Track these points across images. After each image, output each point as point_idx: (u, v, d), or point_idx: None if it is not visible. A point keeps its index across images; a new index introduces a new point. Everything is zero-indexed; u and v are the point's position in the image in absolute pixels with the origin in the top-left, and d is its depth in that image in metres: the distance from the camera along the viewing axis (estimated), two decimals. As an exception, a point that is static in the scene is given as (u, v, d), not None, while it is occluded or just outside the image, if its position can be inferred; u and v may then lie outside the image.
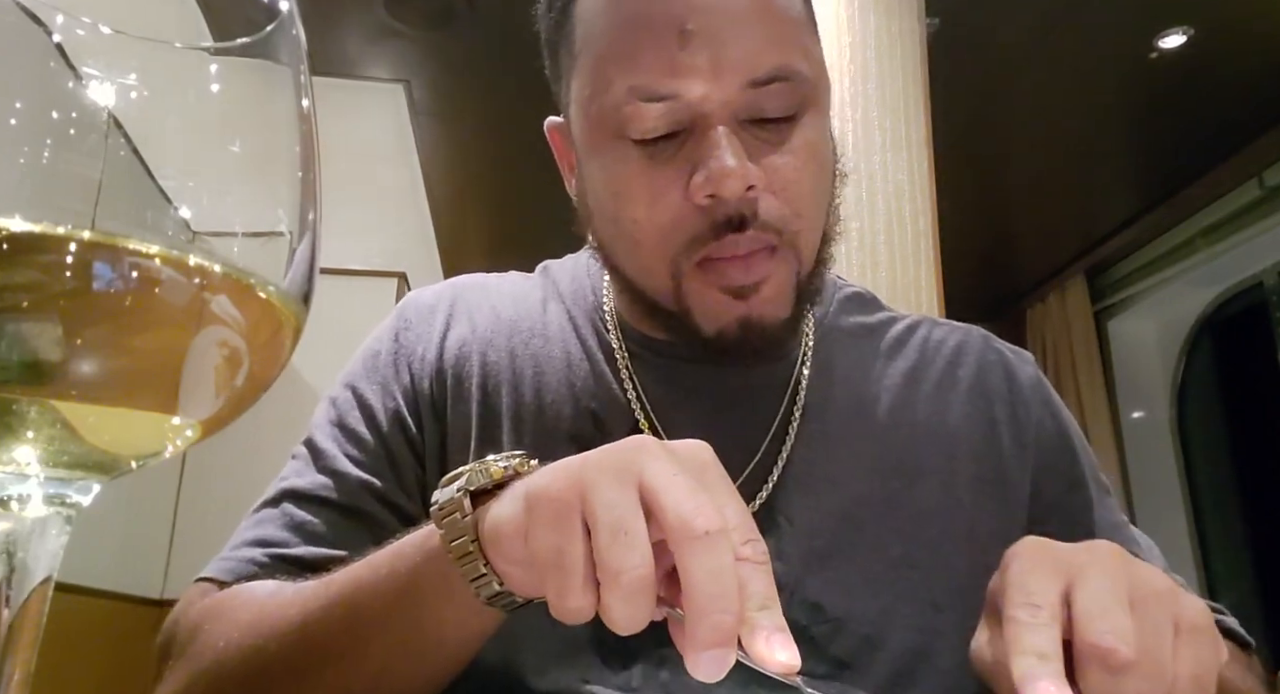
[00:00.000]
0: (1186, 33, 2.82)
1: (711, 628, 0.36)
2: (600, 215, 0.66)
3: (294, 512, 0.64)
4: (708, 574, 0.36)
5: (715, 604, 0.36)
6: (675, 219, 0.60)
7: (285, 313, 0.29)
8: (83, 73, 0.26)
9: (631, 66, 0.59)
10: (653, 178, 0.60)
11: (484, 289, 0.76)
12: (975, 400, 0.71)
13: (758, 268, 0.60)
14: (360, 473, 0.66)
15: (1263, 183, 3.43)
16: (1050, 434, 0.72)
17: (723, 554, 0.37)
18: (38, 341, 0.24)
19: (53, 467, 0.26)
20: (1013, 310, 4.74)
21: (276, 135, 0.30)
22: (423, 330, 0.72)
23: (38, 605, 0.27)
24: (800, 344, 0.71)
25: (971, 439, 0.70)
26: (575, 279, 0.77)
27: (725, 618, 0.36)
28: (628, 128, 0.60)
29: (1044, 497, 0.70)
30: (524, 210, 3.97)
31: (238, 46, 0.29)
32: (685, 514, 0.37)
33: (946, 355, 0.73)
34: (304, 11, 0.30)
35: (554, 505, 0.40)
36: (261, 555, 0.62)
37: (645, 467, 0.40)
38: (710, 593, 0.36)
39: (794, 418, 0.68)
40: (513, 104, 3.27)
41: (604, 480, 0.40)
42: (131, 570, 2.50)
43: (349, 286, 2.91)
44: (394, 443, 0.67)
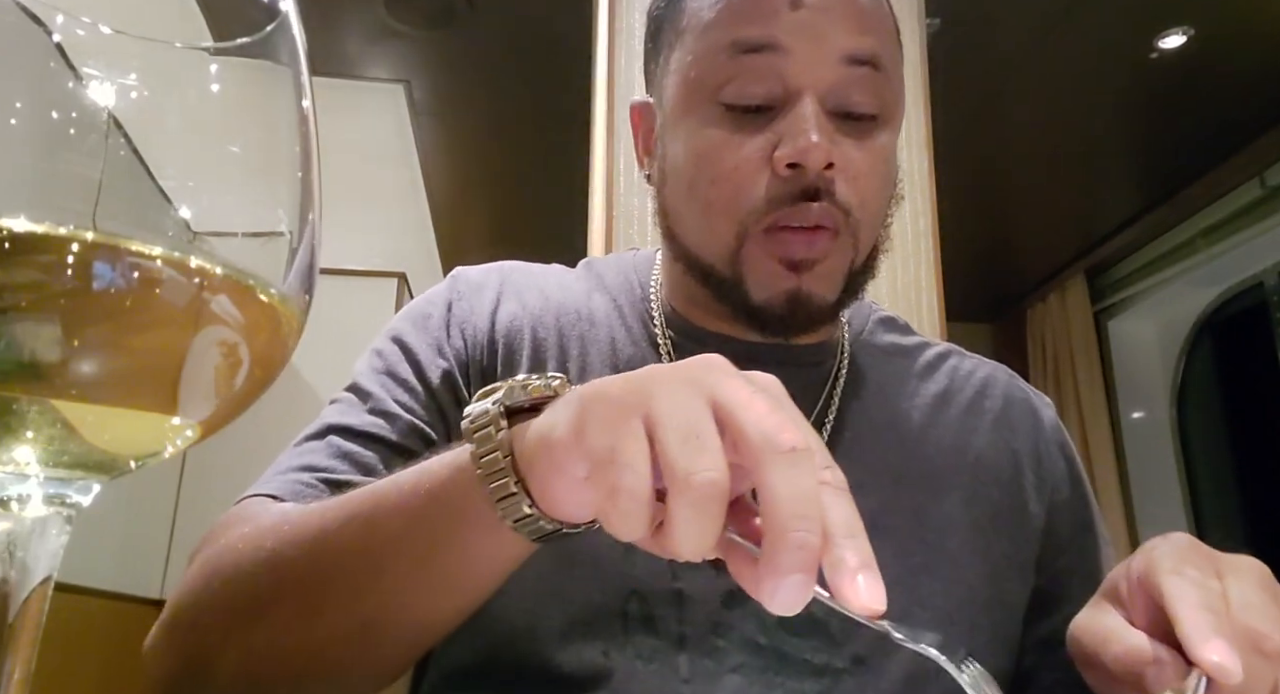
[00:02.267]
0: (1186, 33, 2.82)
1: (795, 549, 0.32)
2: (675, 179, 0.68)
3: (342, 443, 0.63)
4: (793, 491, 0.33)
5: (800, 524, 0.32)
6: (752, 183, 0.63)
7: (285, 313, 0.29)
8: (83, 73, 0.25)
9: (738, 21, 0.63)
10: (738, 143, 0.63)
11: (530, 273, 0.77)
12: (1000, 431, 0.73)
13: (819, 244, 0.63)
14: (411, 417, 0.65)
15: (1264, 183, 3.42)
16: (1066, 476, 0.75)
17: (808, 473, 0.34)
18: (38, 342, 0.24)
19: (53, 467, 0.26)
20: (1013, 310, 4.73)
21: (276, 135, 0.30)
22: (475, 302, 0.73)
23: (38, 605, 0.27)
24: (836, 354, 0.74)
25: (995, 467, 0.72)
26: (621, 273, 0.78)
27: (810, 538, 0.32)
28: (725, 90, 0.63)
29: (1057, 534, 0.72)
30: (524, 210, 3.98)
31: (238, 46, 0.29)
32: (768, 429, 0.34)
33: (975, 385, 0.76)
34: (304, 11, 0.30)
35: (613, 406, 0.37)
36: (310, 478, 0.60)
37: (719, 382, 0.37)
38: (795, 512, 0.33)
39: (826, 423, 0.70)
40: (513, 104, 3.27)
41: (672, 387, 0.37)
42: (131, 570, 2.50)
43: (349, 286, 2.91)
44: (444, 399, 0.67)
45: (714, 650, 0.60)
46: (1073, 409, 4.21)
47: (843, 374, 0.73)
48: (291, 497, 0.59)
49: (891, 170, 0.68)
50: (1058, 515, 0.73)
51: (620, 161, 1.80)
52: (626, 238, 1.73)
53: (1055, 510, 0.73)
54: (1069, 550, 0.73)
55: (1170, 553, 0.47)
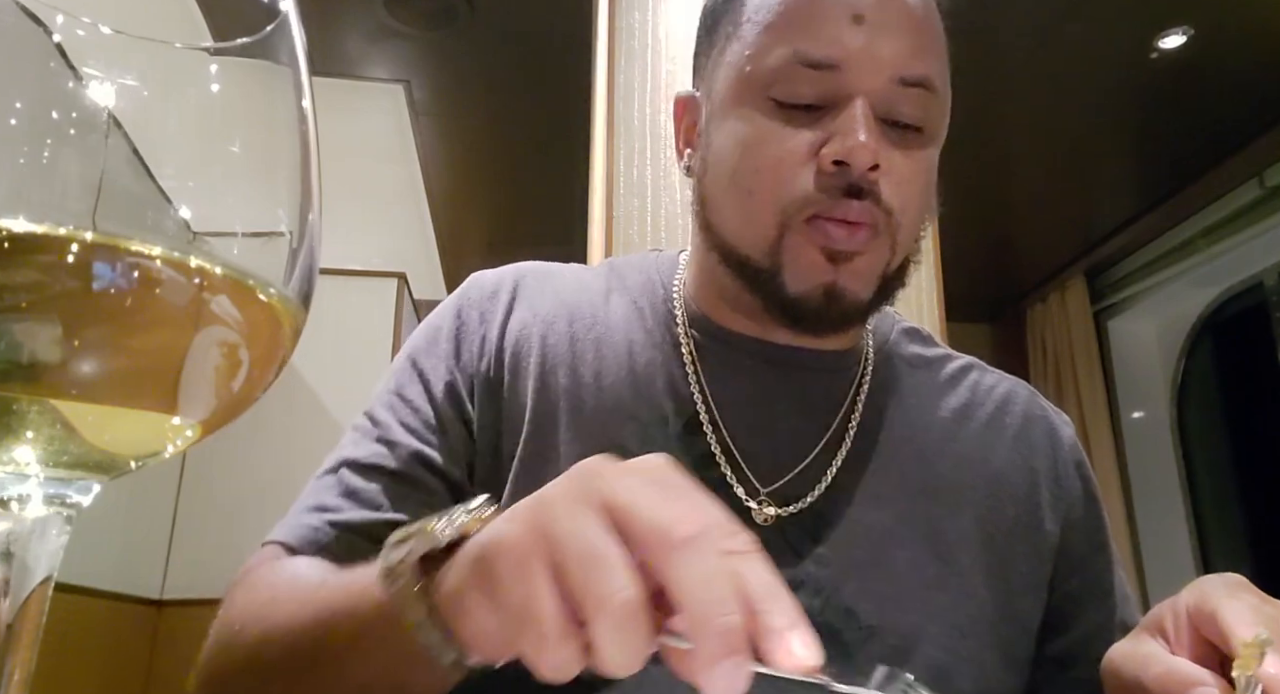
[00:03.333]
0: (1186, 33, 2.82)
1: (719, 636, 0.32)
2: (717, 170, 0.69)
3: (350, 479, 0.66)
4: (700, 579, 0.33)
5: (716, 609, 0.32)
6: (796, 175, 0.63)
7: (285, 313, 0.29)
8: (83, 73, 0.25)
9: (801, 34, 0.64)
10: (785, 136, 0.64)
11: (547, 275, 0.78)
12: (1019, 448, 0.74)
13: (859, 237, 0.63)
14: (414, 441, 0.67)
15: (1263, 183, 3.42)
16: (1082, 496, 0.75)
17: (710, 553, 0.33)
18: (38, 342, 0.24)
19: (53, 467, 0.26)
20: (1013, 310, 4.73)
21: (276, 135, 0.30)
22: (485, 309, 0.74)
23: (38, 605, 0.27)
24: (860, 361, 0.74)
25: (1013, 483, 0.72)
26: (643, 272, 0.78)
27: (730, 620, 0.32)
28: (778, 87, 0.64)
29: (1071, 553, 0.73)
30: (524, 210, 3.98)
31: (238, 46, 0.29)
32: (661, 523, 0.34)
33: (996, 400, 0.76)
34: (304, 11, 0.30)
35: (511, 555, 0.36)
36: (319, 521, 0.64)
37: (606, 487, 0.36)
38: (707, 598, 0.32)
39: (848, 432, 0.70)
40: (513, 104, 3.27)
41: (562, 513, 0.36)
42: (131, 571, 2.50)
43: (349, 286, 2.91)
44: (447, 416, 0.68)
45: None
46: (1073, 409, 4.21)
47: (866, 382, 0.73)
48: (301, 544, 0.63)
49: (932, 184, 0.69)
50: (1072, 535, 0.73)
51: (620, 161, 1.80)
52: (626, 238, 1.73)
53: (1070, 530, 0.73)
54: (1082, 570, 0.73)
55: (1223, 584, 0.48)
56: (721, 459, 0.68)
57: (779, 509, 0.66)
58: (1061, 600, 0.71)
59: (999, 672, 0.66)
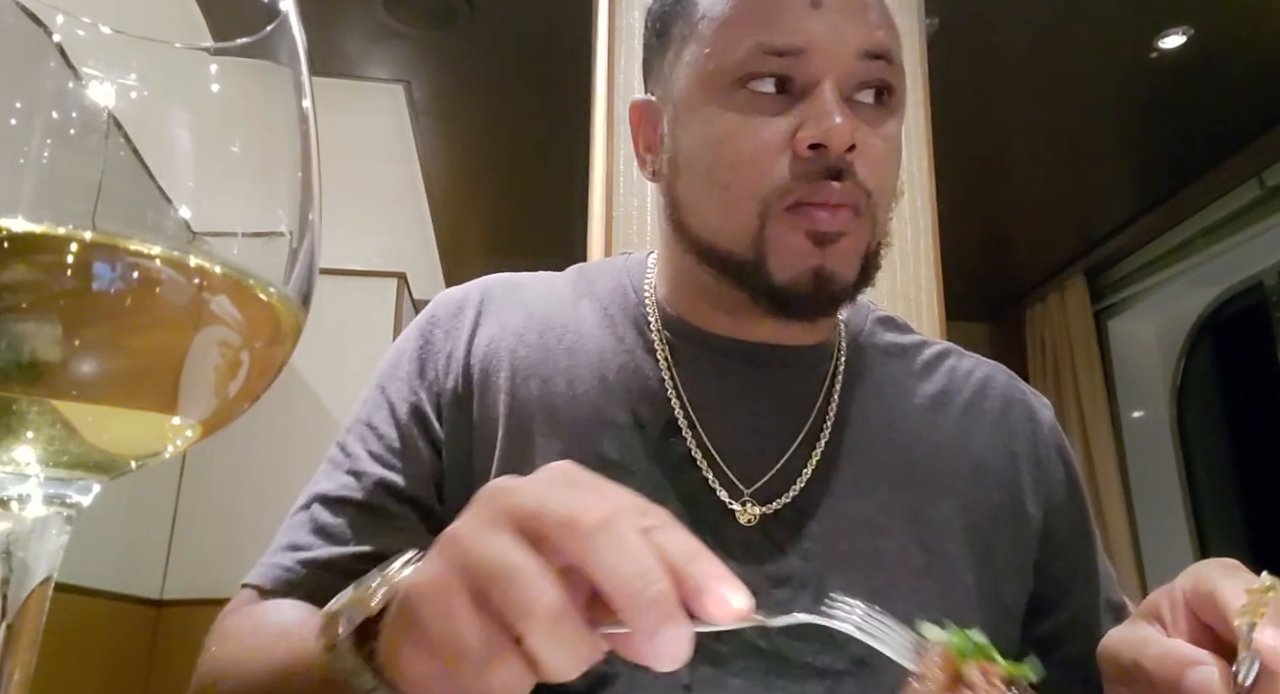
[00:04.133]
0: (1186, 33, 2.82)
1: (650, 605, 0.32)
2: (691, 168, 0.68)
3: (320, 514, 0.67)
4: (620, 556, 0.33)
5: (640, 582, 0.32)
6: (774, 164, 0.64)
7: (285, 313, 0.29)
8: (83, 73, 0.25)
9: (763, 25, 0.64)
10: (757, 126, 0.64)
11: (515, 287, 0.78)
12: (999, 433, 0.74)
13: (843, 218, 0.64)
14: (381, 470, 0.68)
15: (1263, 183, 3.42)
16: (1064, 479, 0.76)
17: (624, 531, 0.34)
18: (38, 342, 0.24)
19: (53, 467, 0.26)
20: (1012, 310, 4.73)
21: (276, 135, 0.30)
22: (451, 327, 0.74)
23: (38, 605, 0.27)
24: (834, 356, 0.74)
25: (994, 468, 0.73)
26: (613, 277, 0.78)
27: (658, 586, 0.32)
28: (745, 78, 0.64)
29: (1055, 537, 0.73)
30: (524, 210, 3.98)
31: (238, 46, 0.29)
32: (569, 518, 0.34)
33: (974, 385, 0.77)
34: (304, 11, 0.30)
35: (429, 596, 0.36)
36: (290, 560, 0.65)
37: (511, 500, 0.36)
38: (629, 574, 0.33)
39: (825, 425, 0.71)
40: (513, 104, 3.27)
41: (472, 540, 0.36)
42: (131, 571, 2.50)
43: (349, 286, 2.91)
44: (412, 439, 0.69)
45: (715, 655, 0.61)
46: (1073, 409, 4.21)
47: (840, 375, 0.73)
48: (275, 586, 0.64)
49: (898, 158, 0.69)
50: (1055, 518, 0.74)
51: (620, 161, 1.80)
52: (626, 238, 1.73)
53: (1053, 513, 0.74)
54: (1066, 553, 0.74)
55: (1219, 566, 0.49)
56: (702, 461, 0.68)
57: (762, 507, 0.66)
58: (1046, 584, 0.72)
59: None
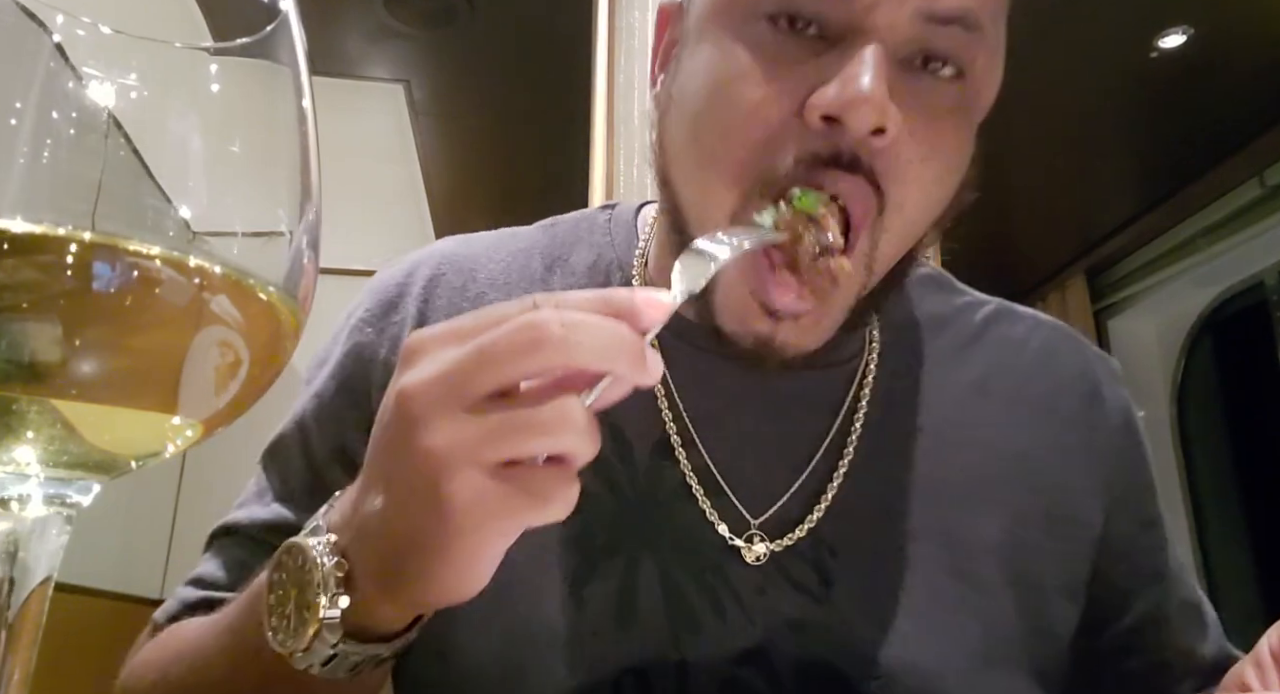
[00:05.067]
0: (1186, 33, 2.82)
1: (623, 358, 0.34)
2: (681, 109, 0.54)
3: (229, 547, 0.63)
4: (582, 343, 0.34)
5: (611, 346, 0.34)
6: (771, 135, 0.49)
7: (285, 313, 0.29)
8: (83, 73, 0.25)
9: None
10: (769, 73, 0.49)
11: (465, 264, 0.64)
12: (1050, 422, 0.63)
13: (807, 298, 0.50)
14: (283, 511, 0.61)
15: (1263, 182, 3.42)
16: (1130, 468, 0.65)
17: (550, 325, 0.34)
18: (38, 342, 0.24)
19: (53, 467, 0.26)
20: (1013, 310, 4.73)
21: (276, 135, 0.30)
22: (387, 325, 0.62)
23: (38, 605, 0.27)
24: (864, 344, 0.62)
25: (1042, 468, 0.62)
26: (592, 247, 0.64)
27: (624, 342, 0.34)
28: (773, 12, 0.49)
29: (1115, 538, 0.63)
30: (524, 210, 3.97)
31: (238, 46, 0.29)
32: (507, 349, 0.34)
33: (1026, 362, 0.65)
34: (304, 11, 0.30)
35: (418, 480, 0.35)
36: (194, 597, 0.62)
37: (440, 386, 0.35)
38: (596, 347, 0.34)
39: (852, 432, 0.59)
40: (513, 104, 3.27)
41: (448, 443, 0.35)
42: (131, 570, 2.50)
43: (349, 286, 2.91)
44: (330, 472, 0.60)
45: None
46: (1073, 409, 4.21)
47: (870, 371, 0.61)
48: (170, 619, 0.62)
49: (959, 164, 0.53)
50: (1117, 515, 0.63)
51: (620, 161, 1.80)
52: (626, 238, 1.73)
53: (1114, 510, 0.63)
54: (1130, 555, 0.64)
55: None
56: (699, 489, 0.57)
57: (773, 543, 0.56)
58: (1108, 590, 0.63)
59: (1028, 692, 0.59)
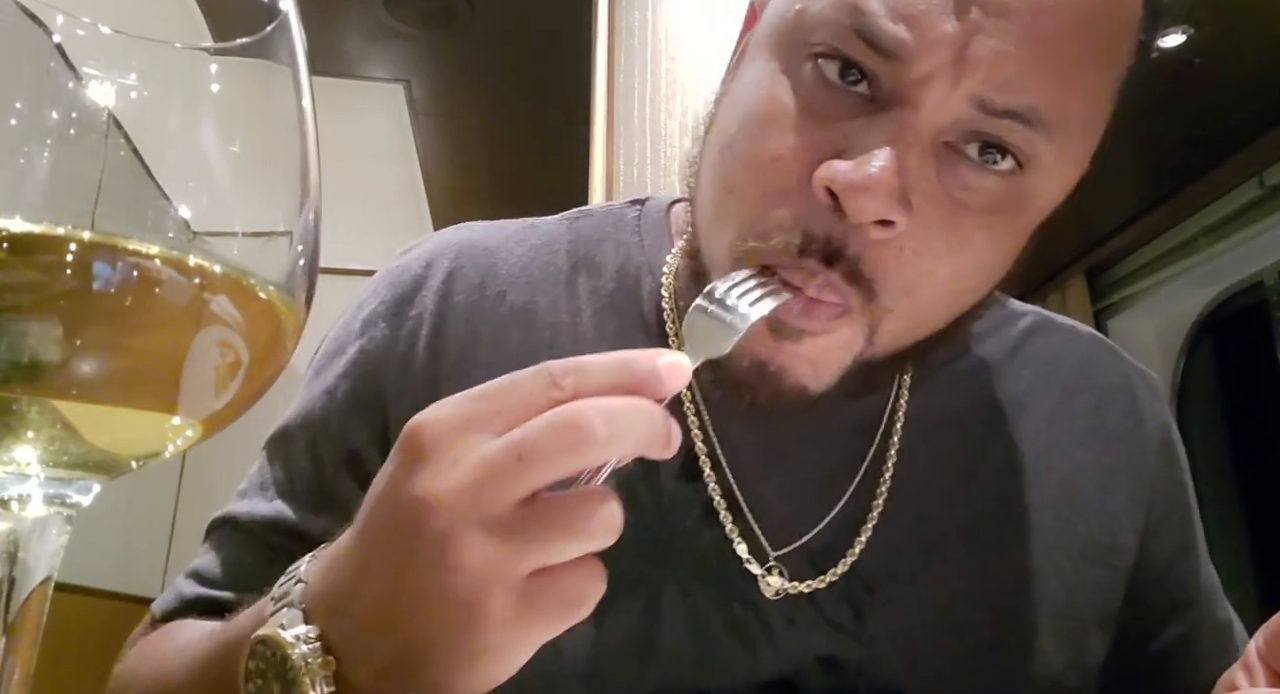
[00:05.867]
0: (1186, 32, 2.82)
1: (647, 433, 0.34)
2: (718, 131, 0.52)
3: (226, 541, 0.60)
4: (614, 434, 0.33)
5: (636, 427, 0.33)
6: (783, 189, 0.46)
7: (285, 313, 0.29)
8: (83, 73, 0.25)
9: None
10: (802, 125, 0.46)
11: (485, 258, 0.62)
12: (1091, 442, 0.61)
13: (817, 318, 0.46)
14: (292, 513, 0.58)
15: (1263, 182, 3.42)
16: (1168, 489, 0.63)
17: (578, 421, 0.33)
18: (38, 342, 0.24)
19: (53, 467, 0.26)
20: (1013, 310, 4.73)
21: (276, 135, 0.30)
22: (403, 322, 0.59)
23: (38, 605, 0.27)
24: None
25: (1084, 491, 0.60)
26: (619, 249, 0.61)
27: (650, 420, 0.34)
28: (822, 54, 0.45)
29: (1150, 562, 0.61)
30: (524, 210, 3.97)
31: (238, 46, 0.29)
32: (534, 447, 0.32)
33: (1065, 377, 0.63)
34: (304, 11, 0.30)
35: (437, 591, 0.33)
36: (190, 593, 0.59)
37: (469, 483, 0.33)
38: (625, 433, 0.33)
39: (888, 459, 0.57)
40: (513, 104, 3.27)
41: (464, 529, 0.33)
42: (131, 570, 2.50)
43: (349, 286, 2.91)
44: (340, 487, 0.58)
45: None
46: (1073, 409, 4.21)
47: (904, 396, 0.58)
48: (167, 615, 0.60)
49: (992, 263, 0.49)
50: (1153, 542, 0.62)
51: (620, 161, 1.80)
52: (626, 238, 1.73)
53: (1151, 536, 0.61)
54: (1163, 580, 0.62)
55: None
56: (726, 515, 0.54)
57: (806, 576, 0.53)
58: (1139, 616, 0.61)
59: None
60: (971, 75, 0.43)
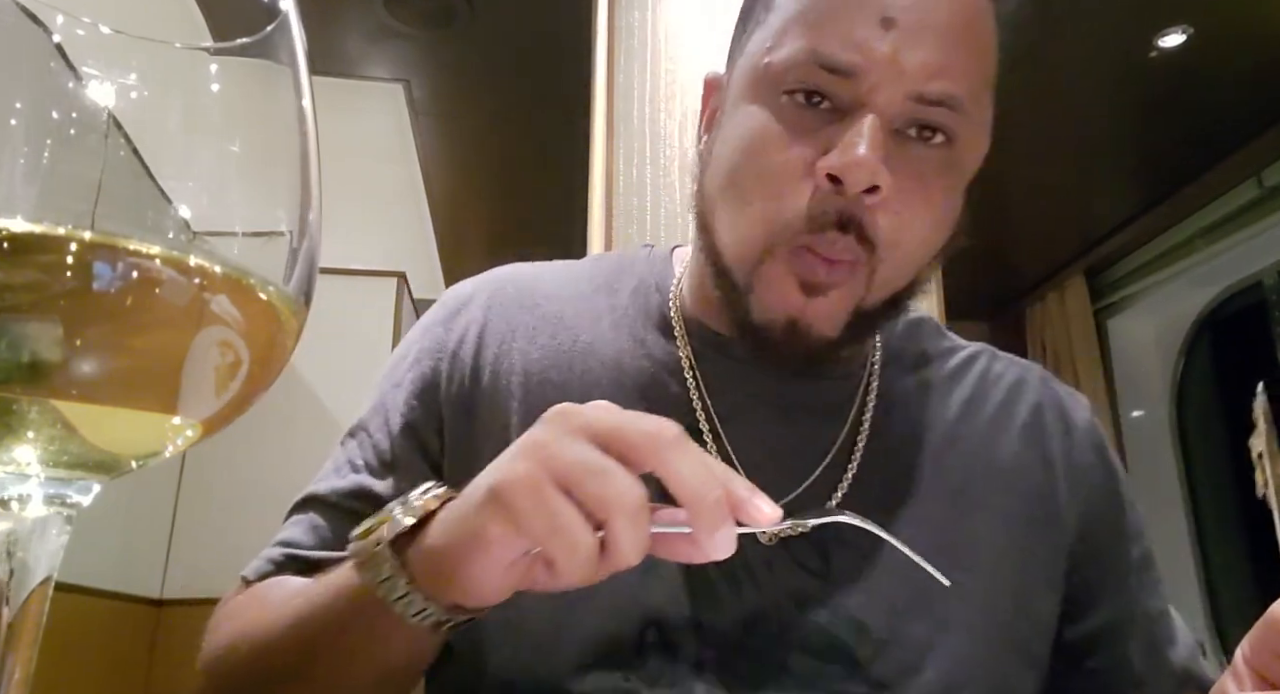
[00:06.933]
0: (1186, 32, 2.82)
1: (716, 506, 0.41)
2: (718, 166, 0.65)
3: (312, 516, 0.69)
4: (693, 467, 0.41)
5: (709, 488, 0.41)
6: (793, 190, 0.59)
7: (285, 313, 0.29)
8: (83, 73, 0.25)
9: (823, 33, 0.59)
10: (788, 140, 0.60)
11: (525, 281, 0.75)
12: (1031, 438, 0.72)
13: (839, 272, 0.60)
14: (370, 479, 0.68)
15: (1261, 182, 3.42)
16: (1101, 481, 0.73)
17: (691, 449, 0.42)
18: (38, 342, 0.24)
19: (53, 467, 0.26)
20: (1013, 310, 4.73)
21: (276, 135, 0.30)
22: (456, 326, 0.71)
23: (38, 605, 0.27)
24: (865, 366, 0.72)
25: (1025, 477, 0.70)
26: (634, 275, 0.75)
27: (719, 493, 0.41)
28: (793, 89, 0.60)
29: (1090, 542, 0.70)
30: (524, 210, 3.98)
31: (238, 46, 0.29)
32: (650, 431, 0.42)
33: (1004, 389, 0.74)
34: (304, 11, 0.30)
35: (525, 485, 0.42)
36: (281, 555, 0.67)
37: (583, 420, 0.43)
38: (702, 480, 0.41)
39: (859, 440, 0.68)
40: (512, 104, 3.27)
41: (558, 447, 0.42)
42: (131, 570, 2.50)
43: (349, 286, 2.91)
44: (406, 453, 0.68)
45: (733, 677, 0.60)
46: (1072, 409, 4.21)
47: (873, 387, 0.71)
48: (260, 578, 0.67)
49: (946, 216, 0.63)
50: (1092, 524, 0.71)
51: (620, 161, 1.80)
52: (626, 237, 1.73)
53: (1089, 519, 0.71)
54: (1100, 559, 0.71)
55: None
56: None
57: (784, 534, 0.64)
58: (1077, 589, 0.70)
59: (1015, 673, 0.65)
60: (906, 79, 0.58)
